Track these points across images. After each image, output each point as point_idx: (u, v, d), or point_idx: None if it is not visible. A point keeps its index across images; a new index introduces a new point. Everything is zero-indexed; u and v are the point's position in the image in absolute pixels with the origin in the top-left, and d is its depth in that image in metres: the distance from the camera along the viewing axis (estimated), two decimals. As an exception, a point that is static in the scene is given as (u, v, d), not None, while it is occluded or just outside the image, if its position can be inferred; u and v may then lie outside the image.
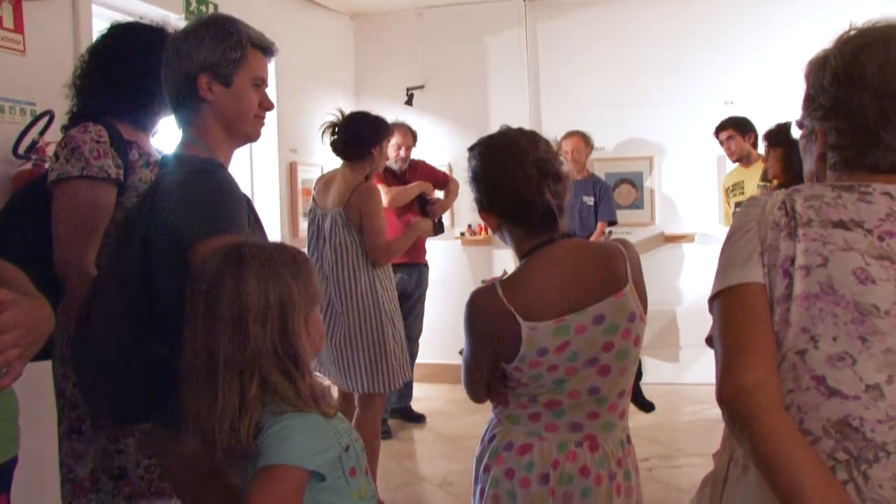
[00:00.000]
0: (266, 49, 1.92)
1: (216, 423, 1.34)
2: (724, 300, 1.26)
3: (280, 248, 1.47)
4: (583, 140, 5.82)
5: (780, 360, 1.20)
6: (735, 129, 5.23)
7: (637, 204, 6.28)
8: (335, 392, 3.58)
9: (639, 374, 2.10)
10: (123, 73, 2.23)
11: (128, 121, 2.25)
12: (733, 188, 5.33)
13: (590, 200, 5.75)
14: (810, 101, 1.35)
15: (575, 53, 6.32)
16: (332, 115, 3.74)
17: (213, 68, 1.82)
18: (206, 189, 1.73)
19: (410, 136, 5.29)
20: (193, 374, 1.39)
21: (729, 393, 1.18)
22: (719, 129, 5.33)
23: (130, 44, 2.27)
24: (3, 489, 1.43)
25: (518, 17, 6.37)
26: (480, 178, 1.85)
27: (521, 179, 1.77)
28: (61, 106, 2.38)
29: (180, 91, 1.84)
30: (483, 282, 1.87)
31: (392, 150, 4.92)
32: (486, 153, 1.85)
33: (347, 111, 3.81)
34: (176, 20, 4.14)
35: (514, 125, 1.92)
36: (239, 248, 1.43)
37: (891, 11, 1.34)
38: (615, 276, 1.76)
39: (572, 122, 6.18)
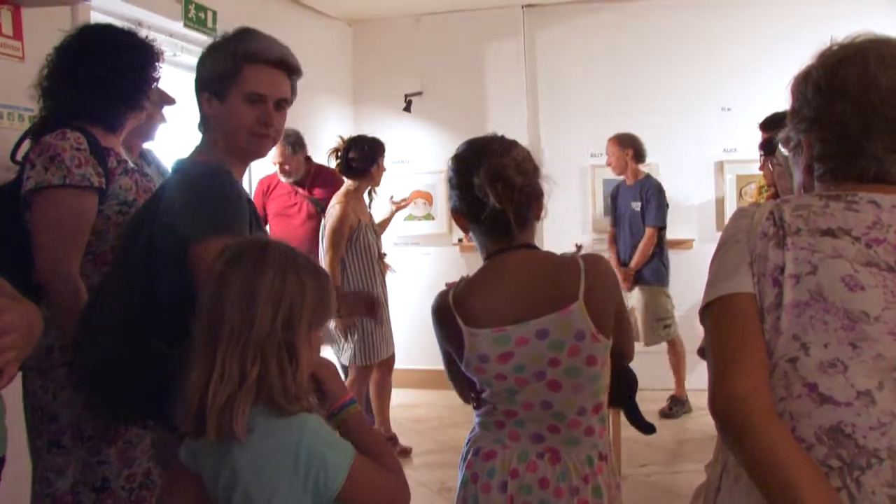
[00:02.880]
0: (273, 63, 1.92)
1: (210, 394, 1.34)
2: (715, 311, 1.27)
3: (306, 257, 1.49)
4: (617, 144, 5.60)
5: (771, 369, 1.20)
6: (765, 152, 4.36)
7: (635, 210, 6.28)
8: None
9: (633, 391, 2.05)
10: (92, 74, 2.18)
11: (99, 124, 2.21)
12: (769, 186, 5.01)
13: (637, 206, 5.55)
14: (795, 114, 1.38)
15: (573, 60, 6.34)
16: (336, 141, 4.58)
17: (210, 85, 1.89)
18: (206, 191, 1.76)
19: (285, 146, 4.75)
20: (195, 351, 1.40)
21: (721, 402, 1.19)
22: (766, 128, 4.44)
23: (98, 45, 2.22)
24: None
25: (516, 23, 6.39)
26: (450, 178, 1.88)
27: (475, 179, 1.78)
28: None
29: (198, 105, 1.95)
30: (446, 285, 1.90)
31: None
32: (458, 154, 1.88)
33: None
34: (174, 27, 4.18)
35: (512, 132, 1.94)
36: (266, 240, 1.47)
37: (881, 24, 1.37)
38: (562, 292, 1.74)
39: (570, 128, 6.22)
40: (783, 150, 1.51)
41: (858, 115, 1.27)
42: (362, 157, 4.47)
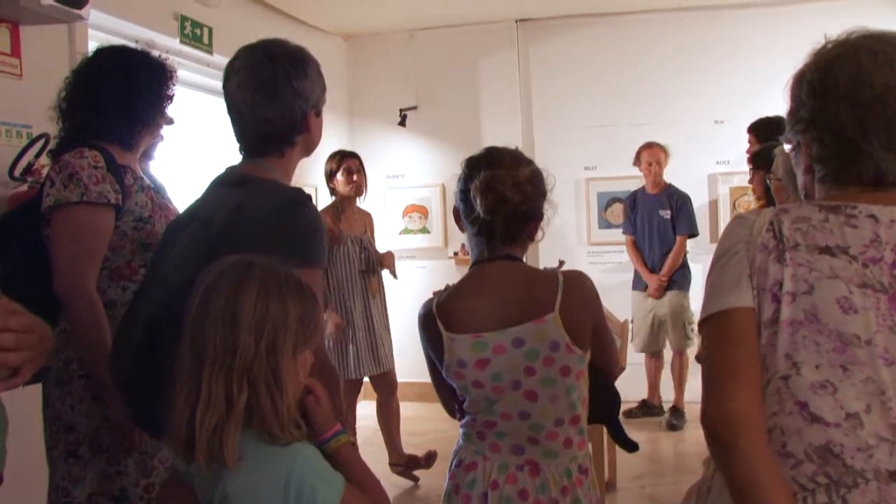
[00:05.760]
0: None
1: (198, 422, 1.32)
2: (713, 325, 1.27)
3: (290, 275, 1.45)
4: (663, 152, 5.65)
5: (765, 383, 1.22)
6: (754, 166, 4.28)
7: (629, 222, 6.31)
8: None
9: (615, 409, 2.06)
10: (110, 95, 2.23)
11: (116, 143, 2.26)
12: (759, 200, 5.00)
13: (666, 214, 5.58)
14: (792, 115, 1.37)
15: (566, 74, 6.38)
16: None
17: (317, 103, 1.94)
18: (303, 221, 1.75)
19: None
20: (180, 374, 1.37)
21: (713, 418, 1.21)
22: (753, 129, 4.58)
23: (114, 66, 2.27)
24: None
25: (510, 38, 6.43)
26: (458, 177, 1.91)
27: (471, 185, 1.83)
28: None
29: (292, 127, 1.89)
30: (433, 293, 1.93)
31: None
32: (470, 157, 1.91)
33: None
34: (170, 44, 4.21)
35: (506, 145, 1.95)
36: (249, 261, 1.42)
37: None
38: (539, 303, 1.77)
39: (564, 141, 6.25)
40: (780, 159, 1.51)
41: (853, 114, 1.26)
42: (326, 169, 4.67)
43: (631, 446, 2.12)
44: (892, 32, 1.31)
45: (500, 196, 1.80)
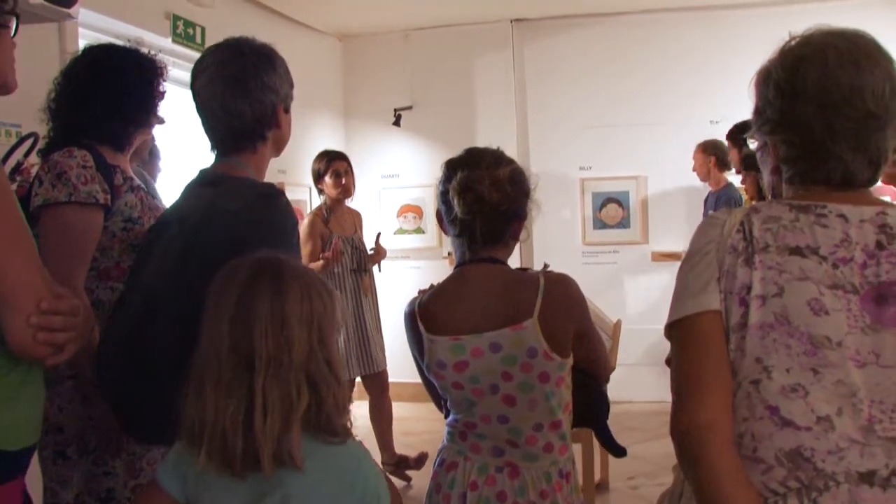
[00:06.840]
0: None
1: (257, 431, 1.29)
2: (681, 331, 1.26)
3: (312, 271, 1.48)
4: (701, 151, 5.57)
5: (735, 388, 1.21)
6: (746, 167, 4.39)
7: (623, 223, 6.31)
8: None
9: (605, 415, 2.05)
10: (100, 94, 2.21)
11: (107, 143, 2.24)
12: (750, 200, 4.90)
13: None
14: (759, 115, 1.36)
15: (561, 74, 6.38)
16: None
17: (286, 99, 1.96)
18: (277, 214, 1.77)
19: None
20: (213, 381, 1.33)
21: (682, 429, 1.20)
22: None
23: (105, 65, 2.26)
24: (20, 472, 1.43)
25: (505, 38, 6.43)
26: (439, 179, 1.90)
27: (449, 186, 1.82)
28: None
29: (262, 121, 1.89)
30: (419, 292, 1.93)
31: None
32: (450, 158, 1.90)
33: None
34: (162, 43, 4.20)
35: (501, 145, 1.94)
36: (277, 260, 1.42)
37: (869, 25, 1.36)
38: (518, 309, 1.76)
39: (559, 141, 6.25)
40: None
41: (821, 116, 1.25)
42: (314, 169, 4.69)
43: (619, 451, 2.10)
44: (855, 30, 1.30)
45: (477, 196, 1.78)
